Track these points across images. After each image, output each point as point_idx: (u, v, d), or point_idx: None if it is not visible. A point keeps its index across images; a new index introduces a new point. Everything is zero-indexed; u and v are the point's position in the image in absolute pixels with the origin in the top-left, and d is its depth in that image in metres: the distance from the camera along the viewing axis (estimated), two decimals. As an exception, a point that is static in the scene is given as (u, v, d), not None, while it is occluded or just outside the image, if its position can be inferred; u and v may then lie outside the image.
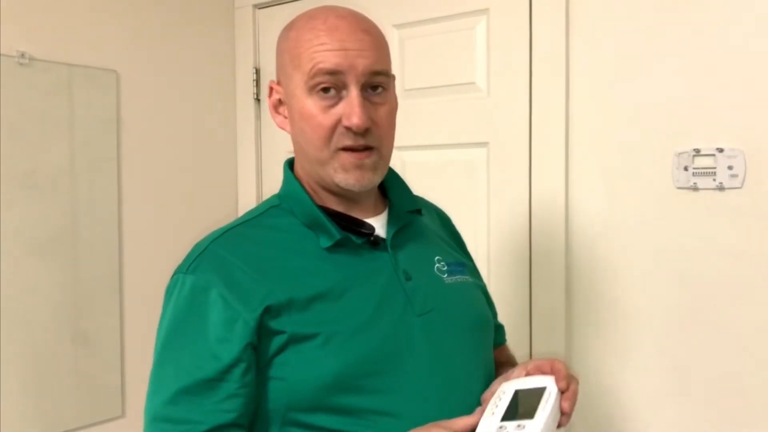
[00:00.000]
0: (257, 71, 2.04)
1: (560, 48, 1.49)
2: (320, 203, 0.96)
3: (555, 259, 1.51)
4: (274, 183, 2.05)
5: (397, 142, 1.81)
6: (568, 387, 0.89)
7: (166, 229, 1.89)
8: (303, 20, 0.93)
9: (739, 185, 1.30)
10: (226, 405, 0.84)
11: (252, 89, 2.04)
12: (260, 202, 2.03)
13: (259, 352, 0.87)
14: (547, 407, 0.85)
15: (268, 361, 0.87)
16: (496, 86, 1.61)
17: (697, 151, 1.34)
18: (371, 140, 0.91)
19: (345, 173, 0.91)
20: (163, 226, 1.88)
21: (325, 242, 0.92)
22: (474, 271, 1.11)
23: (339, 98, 0.89)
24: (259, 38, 2.04)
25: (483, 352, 1.00)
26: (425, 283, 0.97)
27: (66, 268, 1.64)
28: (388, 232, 0.98)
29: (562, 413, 0.87)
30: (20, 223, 1.55)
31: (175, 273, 0.92)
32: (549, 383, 0.89)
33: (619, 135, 1.43)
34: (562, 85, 1.48)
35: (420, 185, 1.17)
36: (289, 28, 0.95)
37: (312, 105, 0.89)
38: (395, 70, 1.82)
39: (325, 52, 0.88)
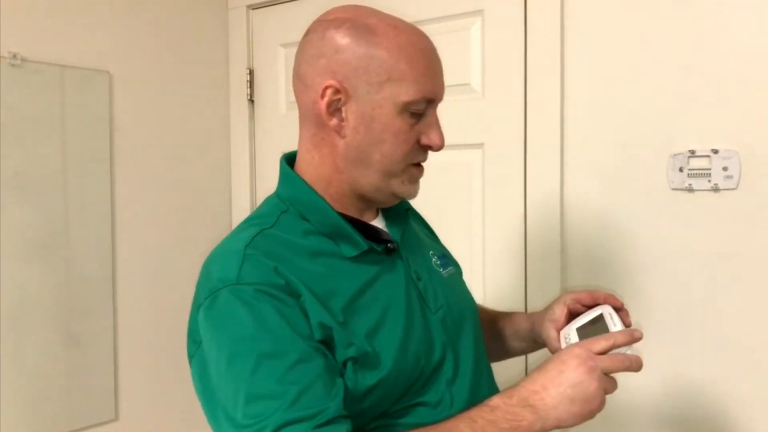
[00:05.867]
0: (251, 72, 2.03)
1: (555, 49, 1.49)
2: (339, 209, 0.93)
3: (550, 260, 1.51)
4: (267, 183, 2.04)
5: (392, 144, 1.81)
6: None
7: (159, 231, 1.88)
8: (390, 30, 0.88)
9: (734, 186, 1.30)
10: (333, 392, 0.80)
11: (246, 90, 2.03)
12: (256, 202, 2.03)
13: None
14: (618, 325, 0.93)
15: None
16: (491, 87, 1.60)
17: (692, 152, 1.34)
18: None
19: (410, 185, 0.94)
20: (156, 227, 1.87)
21: (350, 252, 0.91)
22: (453, 259, 1.15)
23: (420, 117, 0.91)
24: (253, 39, 2.03)
25: (479, 337, 1.06)
26: (431, 281, 1.00)
27: (58, 270, 1.63)
28: (394, 234, 0.98)
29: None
30: (12, 224, 1.54)
31: (222, 287, 0.83)
32: (602, 309, 0.98)
33: (614, 136, 1.43)
34: (557, 86, 1.49)
35: (416, 187, 1.17)
36: (370, 31, 0.88)
37: (402, 122, 0.89)
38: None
39: (429, 79, 0.90)
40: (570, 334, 0.97)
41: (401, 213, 1.03)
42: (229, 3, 2.05)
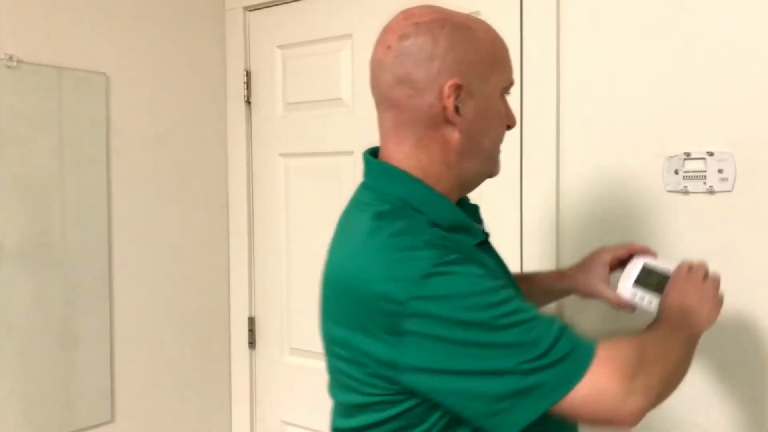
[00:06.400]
0: (248, 73, 2.03)
1: (551, 51, 1.49)
2: (453, 203, 0.98)
3: (546, 262, 1.51)
4: (264, 185, 2.05)
5: (388, 145, 1.80)
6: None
7: (155, 232, 1.88)
8: (478, 24, 0.96)
9: (729, 189, 1.31)
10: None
11: (243, 91, 2.03)
12: (253, 203, 2.03)
13: None
14: (670, 264, 1.12)
15: None
16: (487, 89, 1.60)
17: (688, 154, 1.34)
18: None
19: (499, 163, 1.04)
20: (152, 228, 1.87)
21: (472, 241, 0.97)
22: None
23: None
24: (250, 40, 2.03)
25: None
26: (500, 268, 1.06)
27: (55, 271, 1.63)
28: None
29: None
30: (9, 226, 1.54)
31: (427, 269, 0.83)
32: (642, 260, 1.15)
33: (609, 138, 1.44)
34: (553, 89, 1.49)
35: (412, 189, 1.18)
36: (468, 27, 0.94)
37: (502, 106, 0.99)
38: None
39: (511, 63, 1.00)
40: (636, 291, 1.13)
41: (468, 203, 1.09)
42: (225, 4, 2.05)
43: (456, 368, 0.82)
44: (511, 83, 0.99)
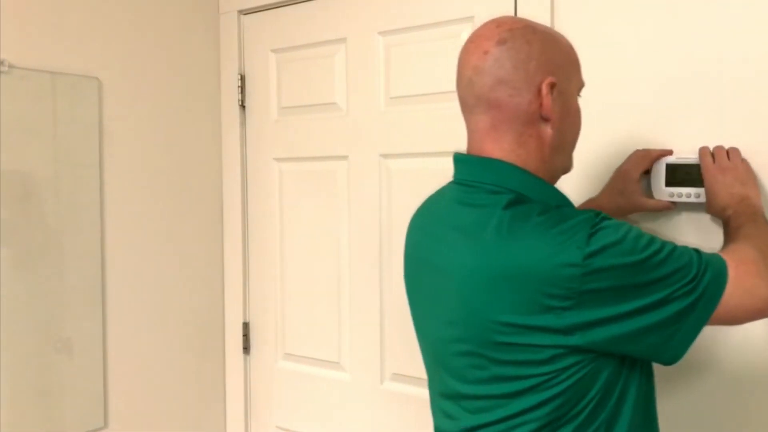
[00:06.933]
0: (242, 77, 2.02)
1: (546, 56, 1.49)
2: None
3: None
4: (258, 190, 2.04)
5: (383, 150, 1.82)
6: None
7: (149, 237, 1.87)
8: (557, 33, 1.05)
9: (724, 193, 1.30)
10: None
11: (237, 95, 2.02)
12: (247, 207, 2.02)
13: None
14: (693, 155, 1.26)
15: None
16: (482, 94, 1.60)
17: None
18: None
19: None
20: (146, 233, 1.87)
21: None
22: None
23: None
24: (244, 44, 2.03)
25: None
26: None
27: (48, 276, 1.62)
28: None
29: None
30: (2, 231, 1.53)
31: (589, 227, 0.91)
32: (664, 161, 1.29)
33: (605, 143, 1.44)
34: (548, 93, 1.49)
35: (407, 193, 1.17)
36: (551, 33, 1.03)
37: (579, 104, 1.07)
38: (381, 78, 1.82)
39: None
40: (671, 191, 1.26)
41: None
42: (220, 8, 2.04)
43: (629, 310, 0.90)
44: (584, 84, 1.07)
